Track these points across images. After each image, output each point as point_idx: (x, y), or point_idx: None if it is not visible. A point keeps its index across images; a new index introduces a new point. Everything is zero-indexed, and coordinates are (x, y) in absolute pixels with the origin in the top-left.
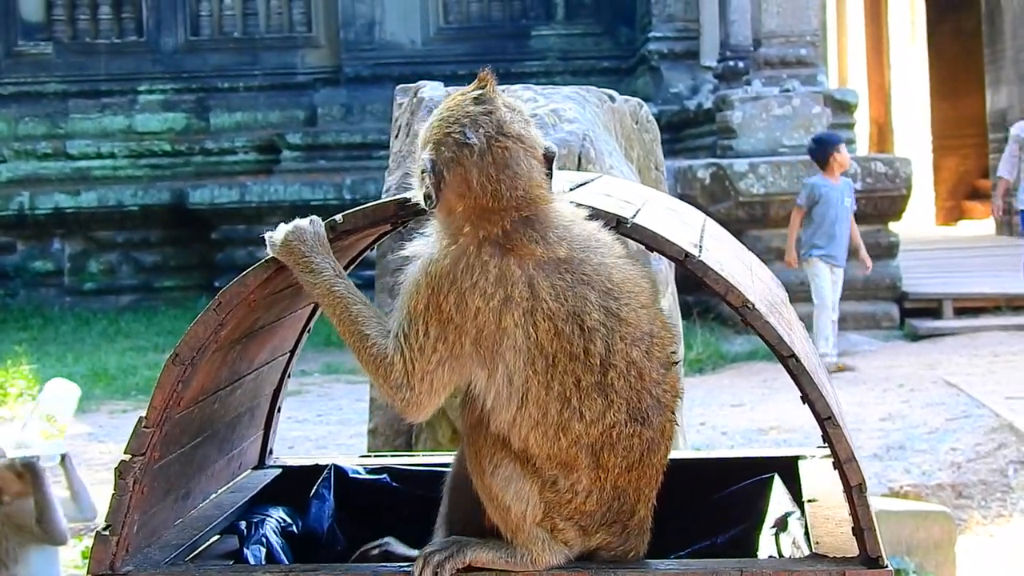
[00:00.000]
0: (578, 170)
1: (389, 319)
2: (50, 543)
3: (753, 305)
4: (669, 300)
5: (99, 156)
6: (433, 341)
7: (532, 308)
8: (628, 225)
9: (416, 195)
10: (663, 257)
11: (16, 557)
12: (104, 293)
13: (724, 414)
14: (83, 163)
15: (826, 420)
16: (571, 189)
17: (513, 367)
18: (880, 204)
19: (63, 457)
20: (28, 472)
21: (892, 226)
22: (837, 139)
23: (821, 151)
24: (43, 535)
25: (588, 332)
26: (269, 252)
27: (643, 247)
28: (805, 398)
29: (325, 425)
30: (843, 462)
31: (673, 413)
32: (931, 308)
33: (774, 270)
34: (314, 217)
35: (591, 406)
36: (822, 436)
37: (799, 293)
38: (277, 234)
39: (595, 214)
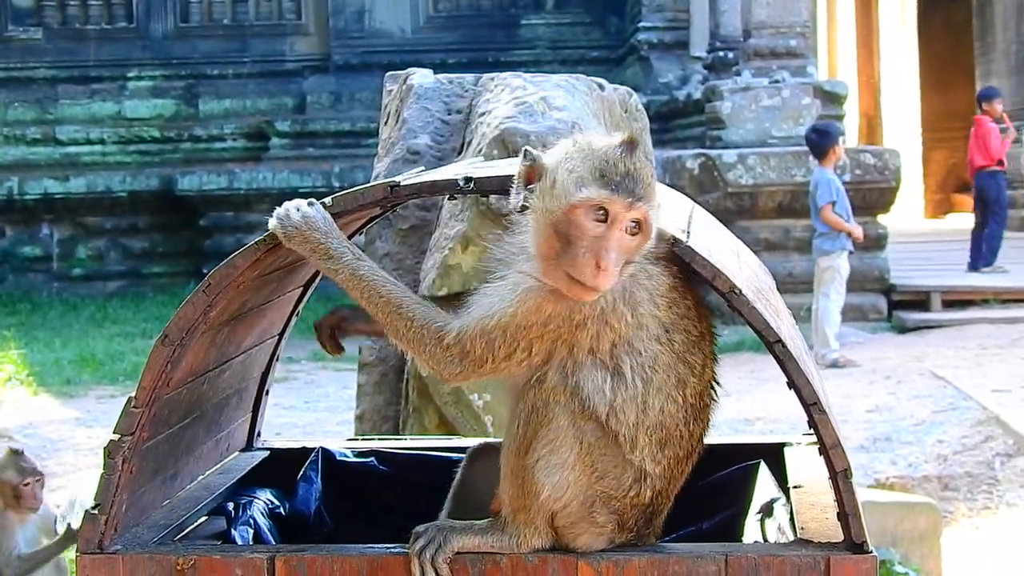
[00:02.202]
0: None
1: (466, 310)
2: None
3: (740, 290)
4: None
5: (88, 142)
6: (526, 357)
7: (652, 291)
8: None
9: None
10: None
11: None
12: (92, 279)
13: None
14: (72, 149)
15: (812, 406)
16: None
17: (643, 347)
18: (869, 196)
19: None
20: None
21: (881, 218)
22: (838, 131)
23: (823, 142)
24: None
25: (681, 294)
26: (283, 243)
27: None
28: (791, 384)
29: (312, 412)
30: (828, 448)
31: None
32: (919, 300)
33: (762, 261)
34: (312, 200)
35: (695, 360)
36: (808, 422)
37: (787, 284)
38: (286, 223)
39: None
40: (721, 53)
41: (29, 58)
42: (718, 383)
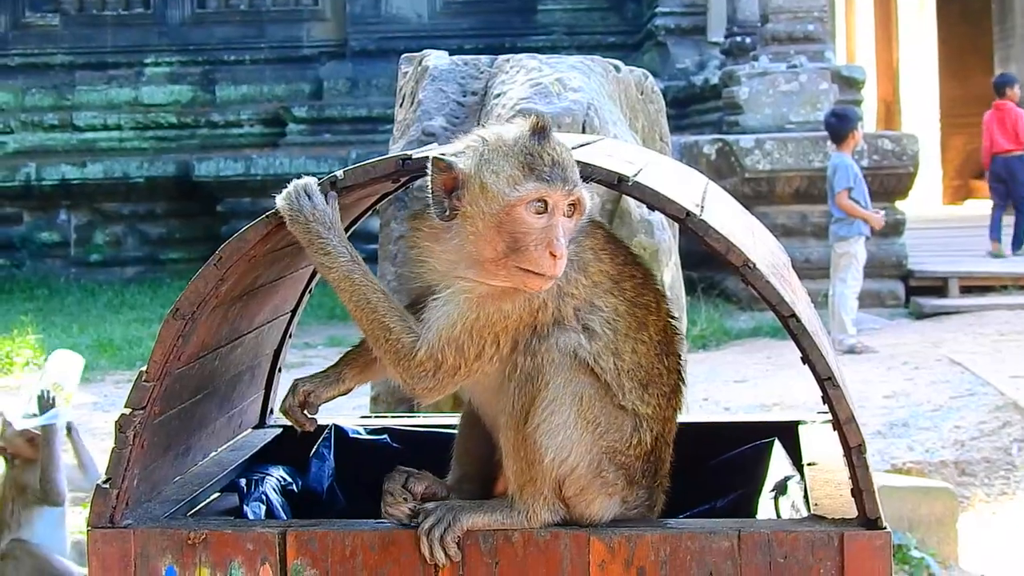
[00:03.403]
0: None
1: (425, 317)
2: (48, 503)
3: (754, 264)
4: (672, 272)
5: (105, 128)
6: (495, 351)
7: (594, 248)
8: (629, 183)
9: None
10: (667, 227)
11: (20, 519)
12: (110, 265)
13: (728, 390)
14: (89, 135)
15: (826, 380)
16: (574, 148)
17: (603, 303)
18: (887, 182)
19: (69, 427)
20: (42, 431)
21: (899, 204)
22: (857, 116)
23: (842, 126)
24: (42, 494)
25: (616, 245)
26: (287, 224)
27: (645, 206)
28: (805, 359)
29: None
30: (843, 423)
31: None
32: (937, 286)
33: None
34: (332, 194)
35: (648, 300)
36: (822, 397)
37: (804, 270)
38: (294, 206)
39: (596, 172)
40: (738, 38)
41: (46, 44)
42: (674, 316)
